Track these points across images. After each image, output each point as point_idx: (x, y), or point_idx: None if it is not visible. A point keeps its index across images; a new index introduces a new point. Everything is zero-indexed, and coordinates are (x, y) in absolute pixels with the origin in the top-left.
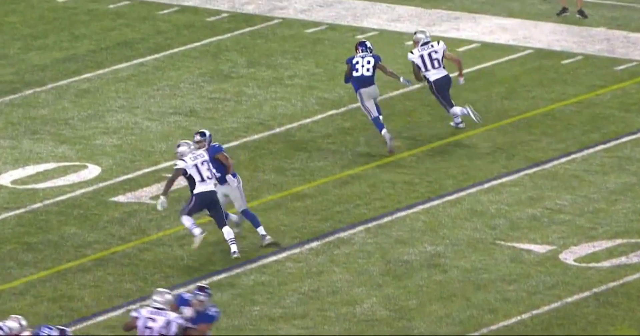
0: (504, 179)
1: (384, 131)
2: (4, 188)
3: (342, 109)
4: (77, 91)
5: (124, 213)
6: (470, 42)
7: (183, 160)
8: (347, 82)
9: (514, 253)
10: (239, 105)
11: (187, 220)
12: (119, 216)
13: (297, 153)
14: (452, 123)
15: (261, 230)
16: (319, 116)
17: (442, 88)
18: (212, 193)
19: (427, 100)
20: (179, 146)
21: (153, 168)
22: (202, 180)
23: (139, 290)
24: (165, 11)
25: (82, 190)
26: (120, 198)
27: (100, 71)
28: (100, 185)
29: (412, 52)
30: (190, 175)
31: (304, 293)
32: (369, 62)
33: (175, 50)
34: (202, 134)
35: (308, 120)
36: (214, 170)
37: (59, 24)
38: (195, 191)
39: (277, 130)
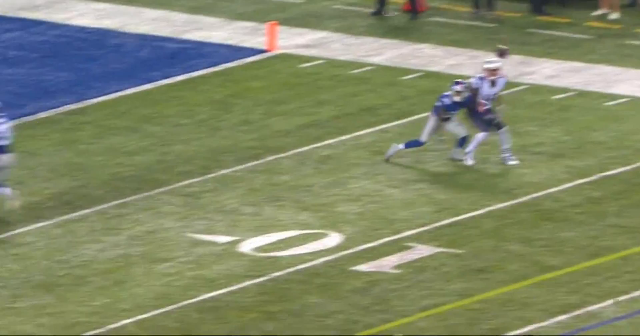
0: None
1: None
2: (245, 256)
3: (592, 178)
4: (319, 157)
5: (366, 283)
6: None
7: None
8: None
9: None
10: (485, 173)
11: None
12: (361, 285)
13: (544, 222)
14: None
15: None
16: (567, 185)
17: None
18: None
19: None
20: None
21: (395, 237)
22: None
23: None
24: (410, 76)
25: (324, 259)
26: (362, 268)
27: (343, 137)
28: (342, 253)
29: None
30: None
31: None
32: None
33: (420, 116)
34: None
35: (555, 189)
36: None
37: (303, 89)
38: None
39: (523, 198)
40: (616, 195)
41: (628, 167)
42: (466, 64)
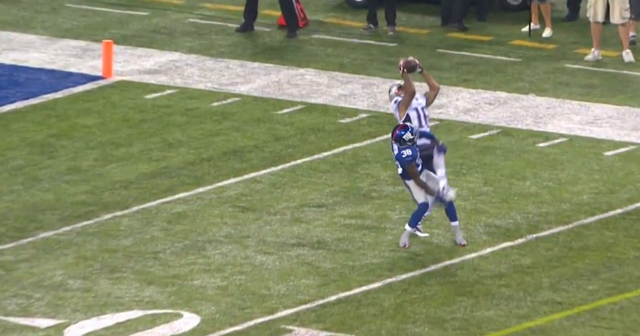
0: None
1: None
2: None
3: (519, 240)
4: (169, 215)
5: None
6: None
7: None
8: None
9: None
10: (382, 235)
11: None
12: None
13: (459, 298)
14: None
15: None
16: (488, 249)
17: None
18: None
19: (633, 230)
20: None
21: (269, 317)
22: None
23: None
24: (286, 110)
25: None
26: None
27: (201, 189)
28: None
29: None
30: None
31: None
32: None
33: (299, 161)
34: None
35: (474, 255)
36: None
37: (149, 127)
38: None
39: (433, 267)
40: (551, 262)
41: (565, 227)
42: (359, 93)
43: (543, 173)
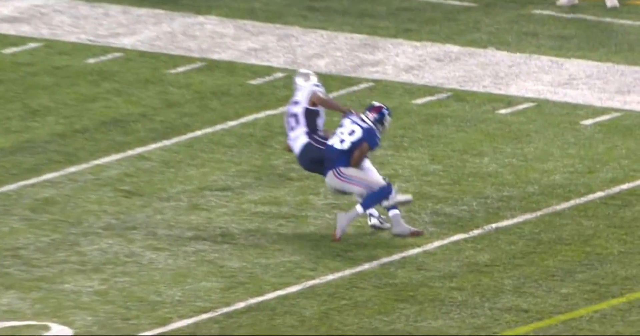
0: None
1: None
2: None
3: (475, 232)
4: (34, 202)
5: None
6: None
7: None
8: None
9: None
10: (302, 226)
11: None
12: None
13: (399, 305)
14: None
15: None
16: (436, 243)
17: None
18: None
19: (617, 219)
20: None
21: (160, 330)
22: None
23: None
24: (182, 69)
25: None
26: None
27: (73, 168)
28: None
29: None
30: None
31: None
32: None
33: (198, 133)
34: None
35: (418, 250)
36: None
37: (5, 91)
38: None
39: (367, 265)
40: (514, 259)
41: (533, 215)
42: (274, 47)
43: (505, 147)
